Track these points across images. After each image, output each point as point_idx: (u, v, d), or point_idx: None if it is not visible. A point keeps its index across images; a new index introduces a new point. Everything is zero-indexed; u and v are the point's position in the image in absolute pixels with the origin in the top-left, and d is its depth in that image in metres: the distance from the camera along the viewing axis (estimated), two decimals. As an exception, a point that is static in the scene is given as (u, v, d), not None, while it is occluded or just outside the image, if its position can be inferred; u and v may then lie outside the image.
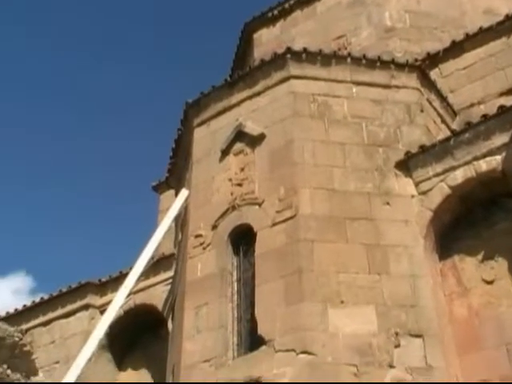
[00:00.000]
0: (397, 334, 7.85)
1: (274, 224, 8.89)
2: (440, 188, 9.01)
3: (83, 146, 37.44)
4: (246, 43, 15.94)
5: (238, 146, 10.10)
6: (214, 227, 9.58)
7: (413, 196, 9.11)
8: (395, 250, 8.55)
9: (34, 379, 6.87)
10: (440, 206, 8.93)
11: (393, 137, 9.67)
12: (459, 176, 8.94)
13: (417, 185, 9.18)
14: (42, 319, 14.38)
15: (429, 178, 9.12)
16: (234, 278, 9.20)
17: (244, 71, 10.78)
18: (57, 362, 13.28)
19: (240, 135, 10.12)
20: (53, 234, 35.35)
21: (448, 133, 10.06)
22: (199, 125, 10.96)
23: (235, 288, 9.11)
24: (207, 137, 10.72)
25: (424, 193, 9.07)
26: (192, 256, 9.63)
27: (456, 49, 11.59)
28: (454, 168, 9.02)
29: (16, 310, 14.85)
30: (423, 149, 9.31)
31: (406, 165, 9.33)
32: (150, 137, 37.21)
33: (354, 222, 8.75)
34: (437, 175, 9.07)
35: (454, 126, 10.61)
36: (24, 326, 12.28)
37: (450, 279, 8.84)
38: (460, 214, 9.12)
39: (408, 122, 9.85)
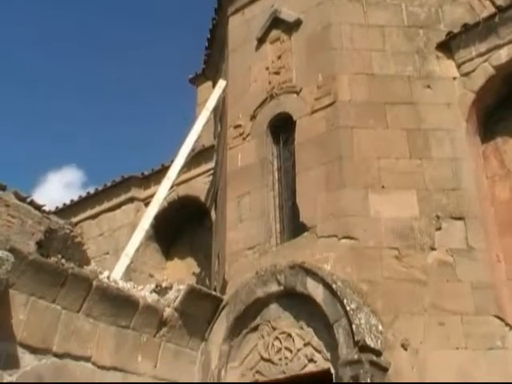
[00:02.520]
0: (438, 217, 7.88)
1: (313, 112, 8.82)
2: (483, 68, 8.72)
3: (121, 42, 37.12)
4: None
5: (274, 33, 9.88)
6: (253, 117, 9.55)
7: (455, 78, 8.85)
8: (437, 133, 8.43)
9: (86, 268, 7.18)
10: (483, 87, 8.68)
11: (434, 17, 9.30)
12: (504, 55, 8.61)
13: (459, 66, 8.90)
14: (90, 213, 14.89)
15: (471, 59, 8.82)
16: (275, 167, 9.26)
17: (277, -47, 10.33)
18: (107, 253, 13.85)
19: (276, 22, 9.87)
20: (99, 128, 36.05)
21: (493, 10, 9.58)
22: (233, 13, 10.71)
23: (276, 177, 9.19)
24: (242, 25, 10.50)
25: (466, 74, 8.80)
26: (232, 147, 9.68)
27: None
28: (498, 47, 8.68)
29: (65, 204, 15.36)
30: (466, 28, 8.95)
31: (447, 46, 9.02)
32: (185, 29, 36.60)
33: (394, 106, 8.61)
34: (480, 55, 8.76)
35: (500, 1, 10.09)
36: (73, 220, 12.73)
37: (492, 162, 8.73)
38: (504, 96, 8.86)
39: (450, 1, 9.43)
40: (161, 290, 8.18)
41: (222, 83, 10.84)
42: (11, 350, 6.33)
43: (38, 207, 6.72)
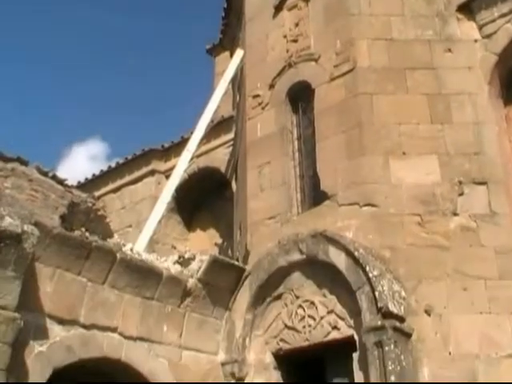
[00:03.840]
0: (460, 182, 7.81)
1: (332, 79, 8.74)
2: (506, 29, 8.51)
3: (138, 14, 37.06)
4: None
5: (292, 0, 9.75)
6: (272, 86, 9.49)
7: (476, 40, 8.69)
8: (458, 98, 8.32)
9: (110, 241, 7.26)
10: (506, 48, 8.48)
11: (454, -22, 9.11)
12: (527, 15, 8.43)
13: (480, 28, 8.72)
14: (111, 186, 14.98)
15: (493, 20, 8.62)
16: (295, 136, 9.23)
17: None
18: (129, 226, 13.96)
19: (293, -12, 9.75)
20: (121, 100, 36.29)
21: (515, -32, 9.37)
22: (250, -19, 10.58)
23: (296, 146, 9.16)
24: (259, -7, 10.37)
25: (488, 36, 8.62)
26: (251, 117, 9.65)
27: None
28: (522, 7, 8.49)
29: (86, 178, 15.47)
30: (487, -12, 8.76)
31: (468, 7, 8.83)
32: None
33: (415, 71, 8.49)
34: (503, 16, 8.54)
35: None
36: (95, 194, 12.82)
37: (515, 125, 8.61)
38: (527, 56, 8.71)
39: (470, -40, 9.22)
40: (184, 261, 8.25)
41: (239, 53, 10.77)
42: (40, 322, 6.47)
43: (61, 181, 6.79)
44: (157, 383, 7.46)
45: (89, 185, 14.90)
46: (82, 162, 33.61)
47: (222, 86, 10.99)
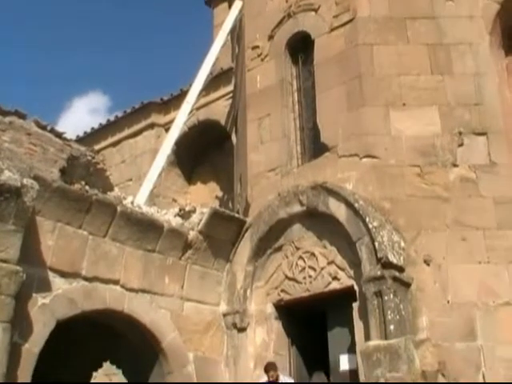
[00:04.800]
0: (460, 133, 7.78)
1: (332, 29, 8.63)
2: (509, -23, 8.37)
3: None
4: None
5: None
6: (271, 37, 9.38)
7: (478, -12, 8.55)
8: (459, 48, 8.22)
9: (110, 194, 7.27)
10: (509, -4, 8.38)
11: None
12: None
13: (483, -25, 8.56)
14: (111, 140, 14.93)
15: (498, -34, 8.46)
16: (294, 87, 9.16)
17: None
18: (129, 180, 13.98)
19: None
20: (123, 54, 35.97)
21: None
22: None
23: (296, 98, 9.10)
24: None
25: (491, -17, 8.47)
26: (250, 68, 9.56)
27: None
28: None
29: (85, 132, 15.40)
30: None
31: (471, -46, 8.65)
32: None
33: (415, 21, 8.37)
34: (506, -38, 8.40)
35: None
36: (95, 148, 12.80)
37: (516, 75, 8.52)
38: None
39: None
40: (184, 214, 8.28)
41: (238, 4, 10.62)
42: (43, 275, 6.54)
43: (59, 135, 6.78)
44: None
45: (88, 139, 14.84)
46: (82, 115, 33.48)
47: (221, 37, 10.87)
